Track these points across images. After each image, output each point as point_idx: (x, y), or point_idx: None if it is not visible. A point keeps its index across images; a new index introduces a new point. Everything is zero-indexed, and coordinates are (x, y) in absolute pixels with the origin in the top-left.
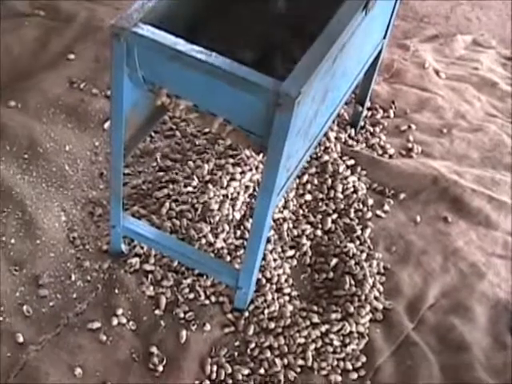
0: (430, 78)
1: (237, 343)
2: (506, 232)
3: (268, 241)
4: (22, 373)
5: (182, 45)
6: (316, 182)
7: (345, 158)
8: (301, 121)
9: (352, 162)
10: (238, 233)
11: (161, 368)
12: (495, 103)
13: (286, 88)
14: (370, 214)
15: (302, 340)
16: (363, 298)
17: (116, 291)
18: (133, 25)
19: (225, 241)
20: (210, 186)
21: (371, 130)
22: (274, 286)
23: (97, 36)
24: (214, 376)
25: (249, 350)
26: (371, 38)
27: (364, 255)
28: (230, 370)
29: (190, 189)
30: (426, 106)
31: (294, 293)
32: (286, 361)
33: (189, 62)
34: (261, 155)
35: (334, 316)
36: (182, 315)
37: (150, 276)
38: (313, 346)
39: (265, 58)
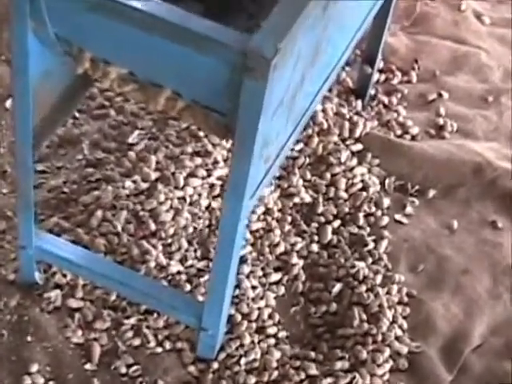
0: (468, 25)
1: None
2: None
3: (243, 261)
4: None
5: None
6: (309, 176)
7: (349, 141)
8: (281, 91)
9: (359, 146)
10: (201, 251)
11: None
12: None
13: (257, 44)
14: (386, 220)
15: None
16: (380, 338)
17: (28, 339)
18: None
19: (182, 263)
20: (160, 185)
21: (385, 100)
22: (254, 325)
23: None
24: None
25: None
26: None
27: (379, 278)
28: None
29: (131, 191)
30: (462, 64)
31: (282, 333)
32: None
33: (119, 13)
34: (228, 141)
35: (339, 365)
36: (123, 370)
37: (76, 315)
38: None
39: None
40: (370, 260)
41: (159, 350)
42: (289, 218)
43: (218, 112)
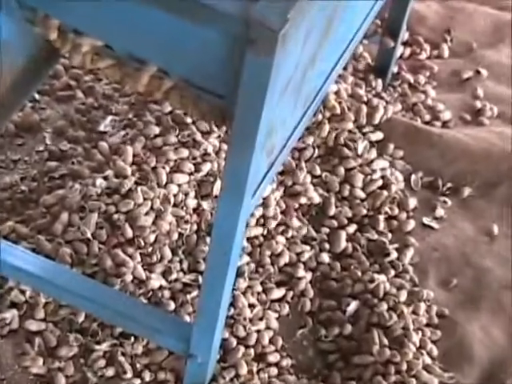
0: None
1: None
2: None
3: (239, 274)
4: None
5: None
6: (319, 171)
7: (367, 129)
8: (289, 69)
9: (379, 135)
10: (188, 262)
11: None
12: None
13: (261, 13)
14: (412, 224)
15: None
16: (404, 367)
17: None
18: None
19: (165, 276)
20: (138, 183)
21: (411, 79)
22: (252, 352)
23: None
24: None
25: None
26: None
27: (404, 294)
28: None
29: (102, 189)
30: (504, 35)
31: (287, 361)
32: None
33: None
34: (223, 129)
35: None
36: None
37: (37, 340)
38: None
39: None
40: (393, 273)
41: (137, 381)
42: (294, 222)
43: (214, 94)
